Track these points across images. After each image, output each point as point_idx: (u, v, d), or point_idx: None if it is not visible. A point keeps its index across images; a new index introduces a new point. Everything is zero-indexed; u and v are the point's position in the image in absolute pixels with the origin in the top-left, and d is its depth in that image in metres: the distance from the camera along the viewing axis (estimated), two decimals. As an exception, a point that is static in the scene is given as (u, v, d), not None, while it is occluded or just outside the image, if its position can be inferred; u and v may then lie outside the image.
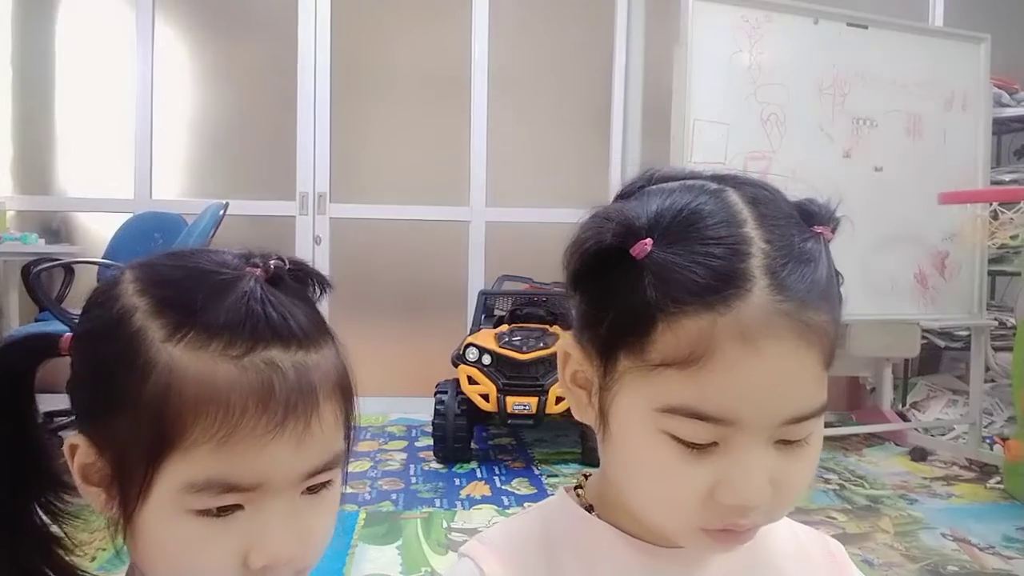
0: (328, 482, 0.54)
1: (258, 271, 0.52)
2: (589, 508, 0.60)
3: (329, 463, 0.53)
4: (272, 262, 0.53)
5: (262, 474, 0.49)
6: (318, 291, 0.57)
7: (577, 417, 0.58)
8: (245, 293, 0.50)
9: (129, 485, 0.50)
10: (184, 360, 0.49)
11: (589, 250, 0.52)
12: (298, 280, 0.54)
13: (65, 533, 0.58)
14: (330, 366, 0.53)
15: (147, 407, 0.49)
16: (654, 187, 0.56)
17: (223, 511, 0.50)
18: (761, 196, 0.53)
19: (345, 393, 0.55)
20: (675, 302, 0.48)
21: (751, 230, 0.50)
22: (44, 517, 0.57)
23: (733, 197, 0.52)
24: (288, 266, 0.54)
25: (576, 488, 0.62)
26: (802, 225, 0.52)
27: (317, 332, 0.53)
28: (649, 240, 0.50)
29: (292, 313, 0.51)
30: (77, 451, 0.53)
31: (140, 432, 0.49)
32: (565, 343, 0.58)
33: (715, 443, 0.50)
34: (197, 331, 0.49)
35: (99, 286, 0.56)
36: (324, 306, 0.56)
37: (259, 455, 0.49)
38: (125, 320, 0.51)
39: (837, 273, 0.53)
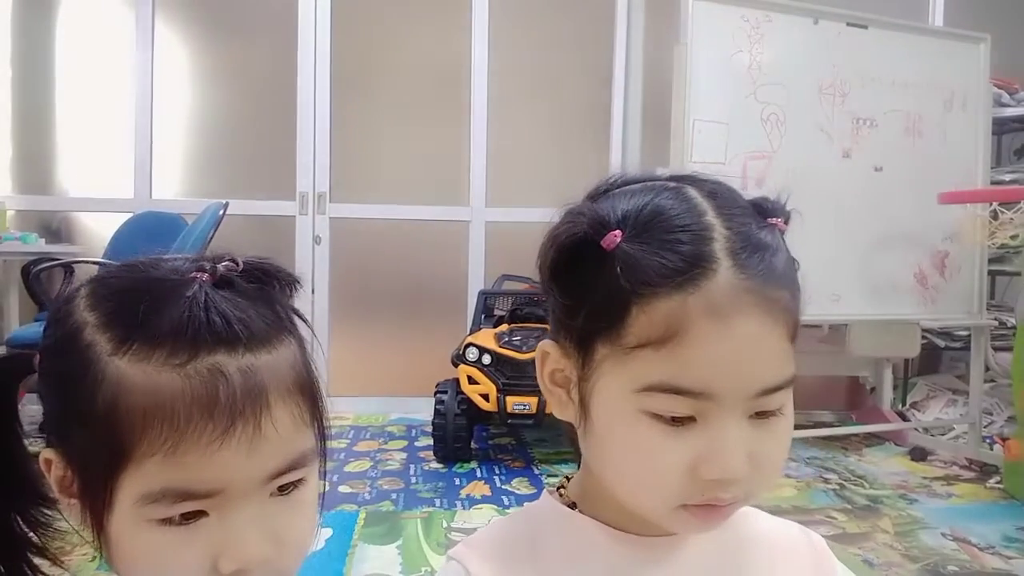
0: (300, 481, 0.53)
1: (204, 275, 0.51)
2: (572, 506, 0.62)
3: (294, 463, 0.52)
4: (222, 264, 0.52)
5: (216, 481, 0.49)
6: (287, 290, 0.56)
7: (557, 415, 0.60)
8: (187, 299, 0.49)
9: (94, 499, 0.50)
10: (130, 372, 0.49)
11: (564, 243, 0.56)
12: (254, 280, 0.53)
13: (46, 545, 0.58)
14: (285, 366, 0.52)
15: (99, 421, 0.49)
16: (618, 190, 0.60)
17: (187, 518, 0.49)
18: (718, 190, 0.57)
19: (306, 390, 0.54)
20: (647, 285, 0.51)
21: (712, 218, 0.53)
22: (25, 528, 0.57)
23: (692, 192, 0.56)
24: (241, 267, 0.53)
25: (559, 488, 0.65)
26: (757, 217, 0.56)
27: (270, 332, 0.52)
28: (619, 232, 0.53)
29: (239, 316, 0.50)
30: (52, 465, 0.54)
31: (97, 446, 0.49)
32: (543, 343, 0.60)
33: (693, 418, 0.52)
34: (141, 342, 0.49)
35: (57, 302, 0.56)
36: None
37: (209, 462, 0.48)
38: (76, 335, 0.51)
39: (793, 260, 0.56)
